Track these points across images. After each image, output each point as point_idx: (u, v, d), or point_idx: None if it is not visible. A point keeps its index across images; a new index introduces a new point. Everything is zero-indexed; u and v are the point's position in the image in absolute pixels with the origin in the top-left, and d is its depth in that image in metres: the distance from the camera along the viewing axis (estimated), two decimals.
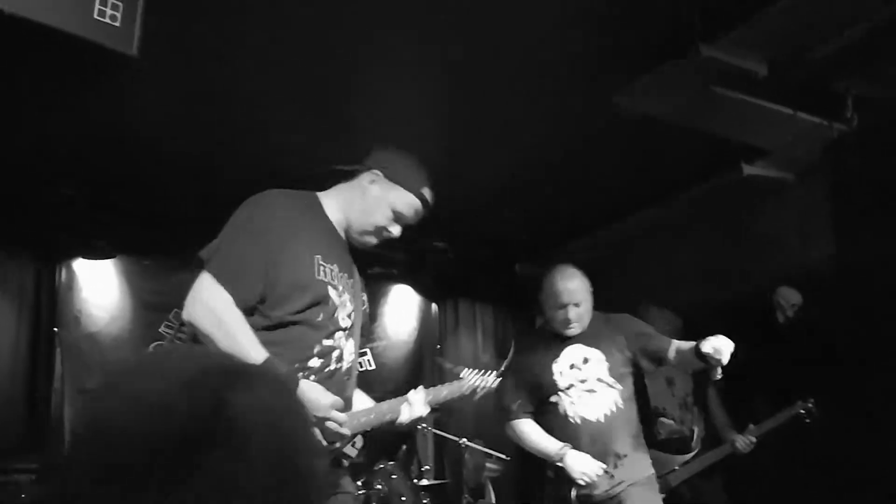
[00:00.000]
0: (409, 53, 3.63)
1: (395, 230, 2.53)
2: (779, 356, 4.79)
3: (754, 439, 4.58)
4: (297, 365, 2.28)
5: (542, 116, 4.28)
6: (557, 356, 3.57)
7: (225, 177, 2.75)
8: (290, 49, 3.54)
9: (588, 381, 3.50)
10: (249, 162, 4.24)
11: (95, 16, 1.80)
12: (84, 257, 5.08)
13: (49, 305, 5.02)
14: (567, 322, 3.54)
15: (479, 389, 2.80)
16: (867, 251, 3.54)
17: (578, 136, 4.51)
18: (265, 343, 2.21)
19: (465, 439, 4.97)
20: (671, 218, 5.29)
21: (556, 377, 3.53)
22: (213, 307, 2.20)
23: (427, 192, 2.57)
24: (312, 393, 2.21)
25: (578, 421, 3.46)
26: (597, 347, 3.54)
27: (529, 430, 3.57)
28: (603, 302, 3.65)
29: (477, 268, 6.34)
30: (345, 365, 2.44)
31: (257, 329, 2.25)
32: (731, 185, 4.73)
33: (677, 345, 3.42)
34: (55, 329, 4.98)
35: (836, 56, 3.52)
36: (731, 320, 5.42)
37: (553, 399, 3.52)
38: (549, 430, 3.51)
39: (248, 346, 2.14)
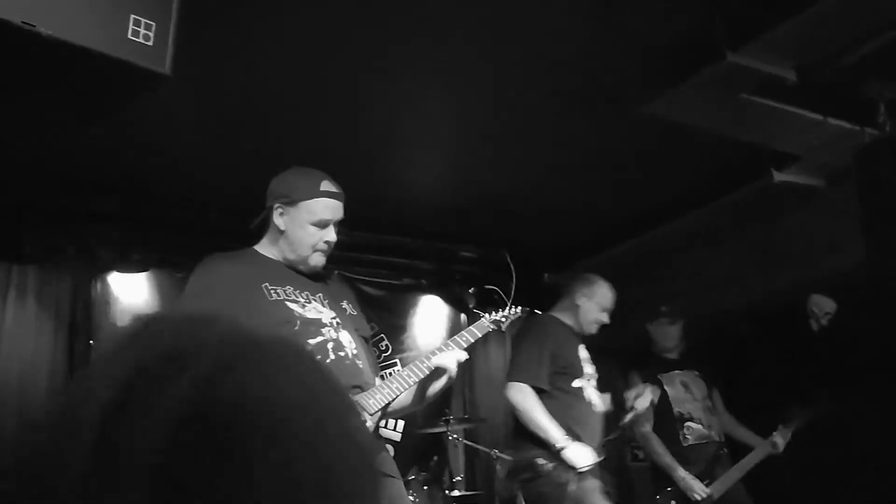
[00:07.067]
0: (441, 63, 3.65)
1: (330, 236, 2.61)
2: (810, 364, 4.73)
3: (789, 436, 4.54)
4: None
5: (572, 127, 4.28)
6: (579, 346, 3.83)
7: (259, 191, 2.79)
8: (324, 60, 3.58)
9: (594, 378, 3.80)
10: None
11: (129, 35, 1.84)
12: (119, 271, 5.16)
13: (85, 318, 5.08)
14: (600, 325, 3.87)
15: (503, 320, 2.99)
16: None
17: (608, 147, 4.50)
18: None
19: (496, 450, 4.96)
20: (701, 226, 5.26)
21: (584, 363, 3.75)
22: None
23: (326, 184, 2.61)
24: None
25: (596, 410, 3.71)
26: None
27: (539, 406, 3.59)
28: (631, 311, 3.67)
29: (506, 278, 6.32)
30: (348, 352, 2.51)
31: None
32: (761, 191, 4.69)
33: None
34: (91, 342, 5.05)
35: (867, 60, 3.47)
36: (761, 327, 5.40)
37: (578, 384, 3.70)
38: (565, 412, 3.61)
39: None
